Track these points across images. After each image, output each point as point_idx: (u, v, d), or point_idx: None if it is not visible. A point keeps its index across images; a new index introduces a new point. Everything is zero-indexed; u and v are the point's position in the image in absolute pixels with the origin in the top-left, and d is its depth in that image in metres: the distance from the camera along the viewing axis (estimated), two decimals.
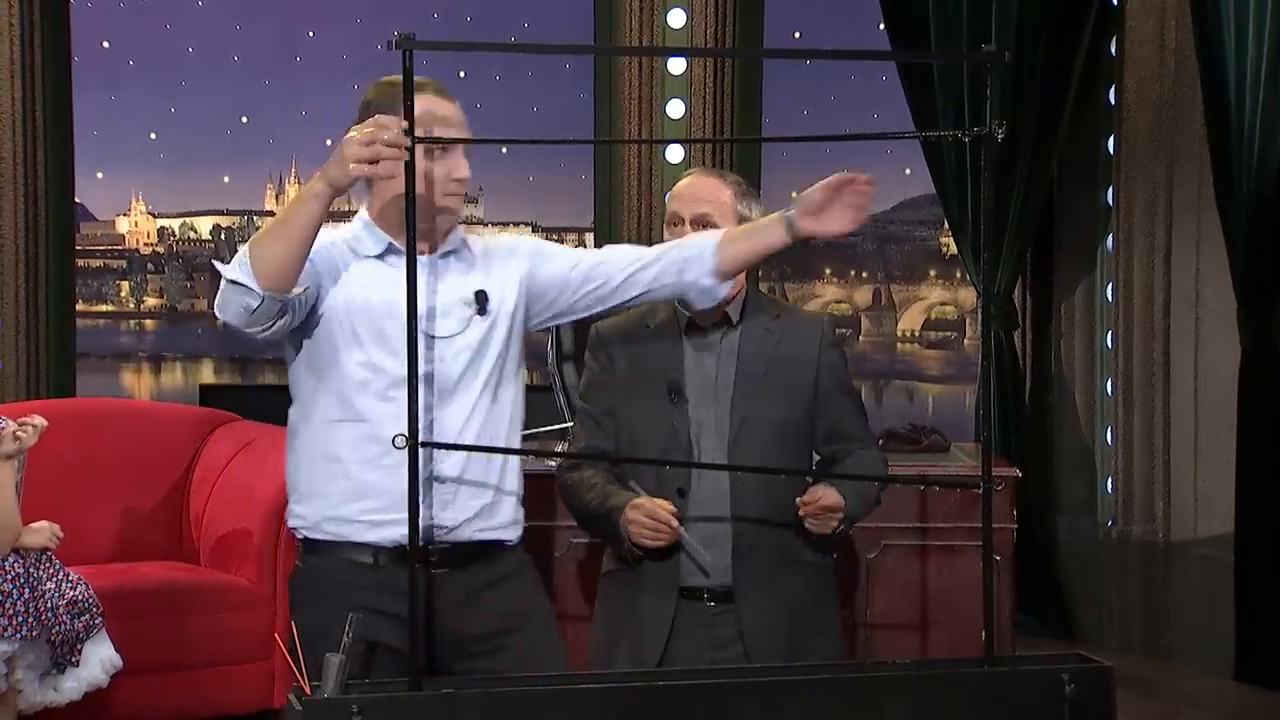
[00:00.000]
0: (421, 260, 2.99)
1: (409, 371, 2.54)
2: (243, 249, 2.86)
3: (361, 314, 3.00)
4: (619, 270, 3.15)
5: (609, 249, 3.24)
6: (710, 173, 3.55)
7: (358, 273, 3.03)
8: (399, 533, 2.90)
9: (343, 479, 3.01)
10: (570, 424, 3.60)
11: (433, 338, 3.00)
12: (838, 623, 3.57)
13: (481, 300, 3.06)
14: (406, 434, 2.50)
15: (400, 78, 2.53)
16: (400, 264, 2.95)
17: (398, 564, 2.95)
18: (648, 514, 3.30)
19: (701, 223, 3.36)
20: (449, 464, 3.00)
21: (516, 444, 3.13)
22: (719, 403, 3.39)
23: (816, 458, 3.52)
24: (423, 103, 2.89)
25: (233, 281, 2.85)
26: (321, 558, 3.06)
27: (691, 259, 3.13)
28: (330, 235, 3.04)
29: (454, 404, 3.02)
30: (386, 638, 2.94)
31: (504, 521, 3.10)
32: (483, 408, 3.04)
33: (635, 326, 3.47)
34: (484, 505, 3.05)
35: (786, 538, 3.40)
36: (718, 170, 3.62)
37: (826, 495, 3.31)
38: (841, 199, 3.05)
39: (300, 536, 3.09)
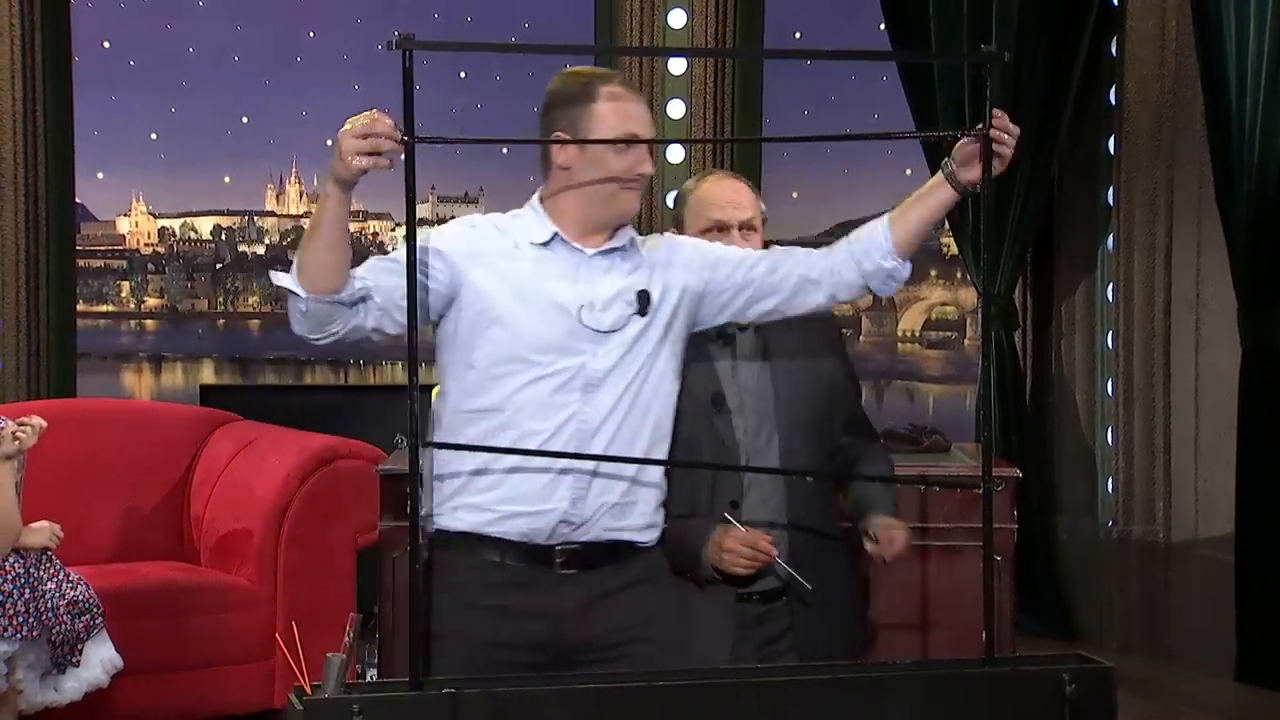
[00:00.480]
0: (584, 254, 3.01)
1: (409, 371, 2.53)
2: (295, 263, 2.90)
3: (512, 301, 2.96)
4: (796, 274, 3.09)
5: (780, 254, 3.15)
6: (732, 175, 3.49)
7: (515, 259, 3.00)
8: (527, 525, 2.95)
9: (475, 467, 2.98)
10: None
11: (587, 328, 2.97)
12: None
13: (643, 300, 3.02)
14: (421, 433, 2.49)
15: (587, 68, 2.81)
16: (566, 255, 3.00)
17: (524, 560, 2.97)
18: (748, 544, 3.25)
19: (748, 227, 3.33)
20: (578, 465, 2.96)
21: (663, 443, 3.07)
22: (762, 408, 3.34)
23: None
24: (609, 96, 2.96)
25: (285, 289, 2.87)
26: (450, 551, 3.00)
27: (867, 247, 3.06)
28: (488, 219, 3.05)
29: (598, 398, 2.97)
30: (509, 635, 2.95)
31: (638, 523, 3.04)
32: (625, 404, 2.99)
33: None
34: (615, 502, 3.00)
35: (830, 534, 3.41)
36: (724, 170, 3.53)
37: (901, 539, 3.32)
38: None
39: (434, 528, 3.03)
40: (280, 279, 2.87)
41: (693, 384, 3.29)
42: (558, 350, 2.96)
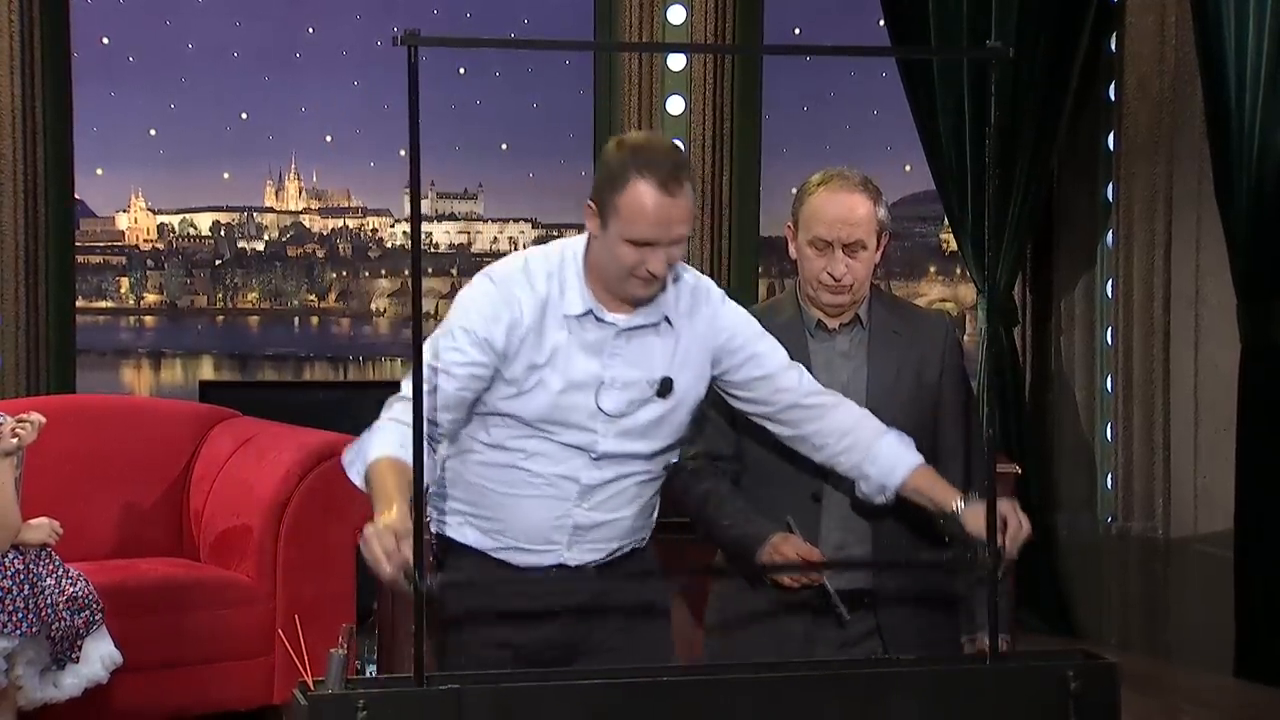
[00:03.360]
0: (613, 328, 2.96)
1: (414, 396, 2.53)
2: (360, 460, 2.87)
3: (534, 374, 2.94)
4: (809, 435, 3.09)
5: (810, 398, 3.10)
6: (847, 187, 3.29)
7: (547, 332, 2.94)
8: (524, 560, 3.02)
9: (481, 499, 3.04)
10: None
11: (601, 410, 2.96)
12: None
13: (665, 386, 2.99)
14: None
15: (643, 142, 2.80)
16: (595, 329, 2.94)
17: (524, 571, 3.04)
18: (802, 554, 3.20)
19: (857, 246, 3.24)
20: (580, 514, 3.00)
21: (660, 481, 3.11)
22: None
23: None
24: (637, 191, 2.83)
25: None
26: (456, 557, 3.07)
27: (874, 480, 3.09)
28: (530, 281, 2.95)
29: (601, 467, 3.00)
30: (507, 634, 3.03)
31: (631, 547, 3.12)
32: (628, 473, 3.03)
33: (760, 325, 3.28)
34: (611, 546, 3.07)
35: (920, 536, 3.32)
36: (848, 179, 3.31)
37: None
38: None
39: (441, 532, 3.10)
40: (350, 473, 2.91)
41: None
42: (569, 426, 2.96)
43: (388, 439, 2.83)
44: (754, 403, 3.11)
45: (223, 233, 9.45)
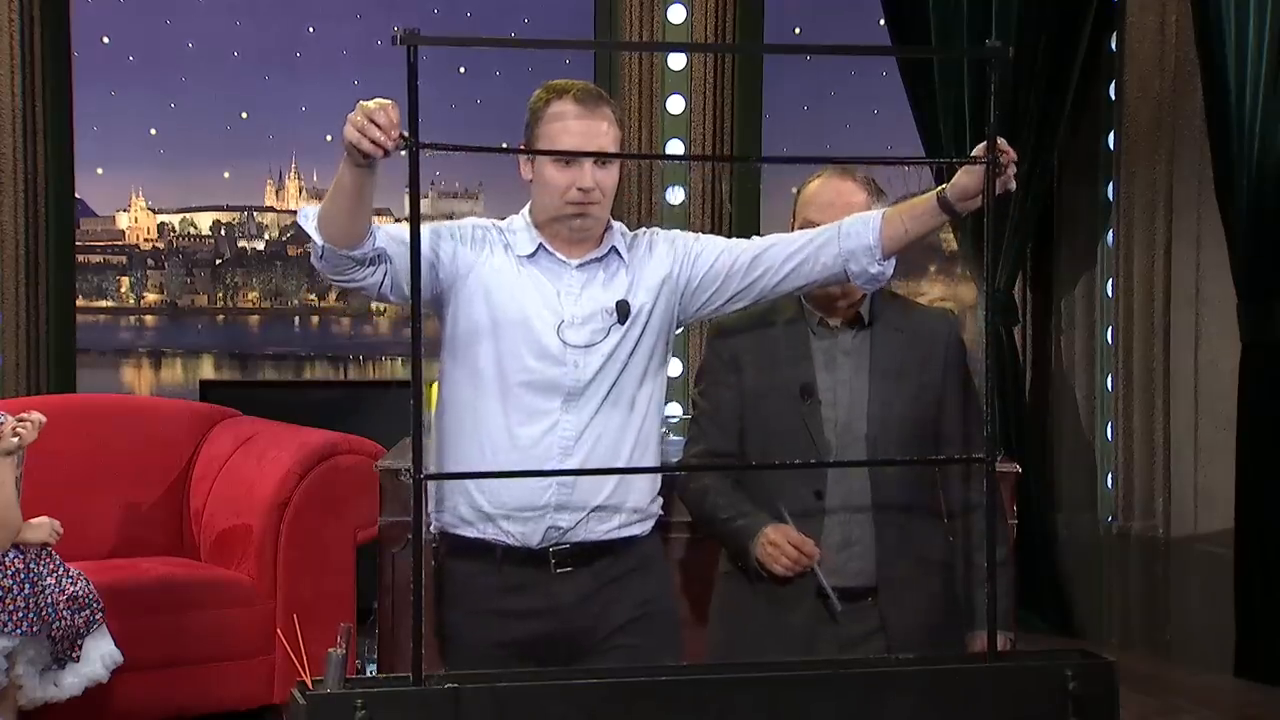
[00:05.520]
0: (567, 266, 3.08)
1: (413, 402, 2.52)
2: (316, 212, 2.94)
3: (499, 312, 3.04)
4: (782, 262, 3.11)
5: (763, 240, 3.18)
6: (842, 174, 3.36)
7: (506, 268, 3.07)
8: (519, 530, 3.04)
9: (468, 471, 3.06)
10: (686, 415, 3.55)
11: (566, 344, 3.04)
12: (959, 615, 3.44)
13: (623, 310, 3.07)
14: (423, 466, 2.48)
15: (559, 81, 2.92)
16: (550, 267, 3.07)
17: (520, 564, 3.06)
18: (794, 542, 3.21)
19: None
20: (565, 466, 3.03)
21: (651, 444, 3.13)
22: (854, 405, 3.27)
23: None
24: (552, 116, 3.05)
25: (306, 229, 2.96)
26: (451, 557, 3.11)
27: (857, 250, 3.07)
28: (494, 226, 3.14)
29: (580, 406, 3.05)
30: (512, 634, 3.05)
31: (628, 520, 3.11)
32: (607, 410, 3.06)
33: (760, 322, 3.33)
34: (601, 506, 3.07)
35: (927, 534, 3.33)
36: (847, 170, 3.38)
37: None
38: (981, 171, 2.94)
39: (435, 529, 3.13)
40: (303, 221, 2.93)
41: (782, 372, 3.29)
42: (539, 362, 3.03)
43: None
44: (732, 277, 3.13)
45: (223, 232, 9.46)
